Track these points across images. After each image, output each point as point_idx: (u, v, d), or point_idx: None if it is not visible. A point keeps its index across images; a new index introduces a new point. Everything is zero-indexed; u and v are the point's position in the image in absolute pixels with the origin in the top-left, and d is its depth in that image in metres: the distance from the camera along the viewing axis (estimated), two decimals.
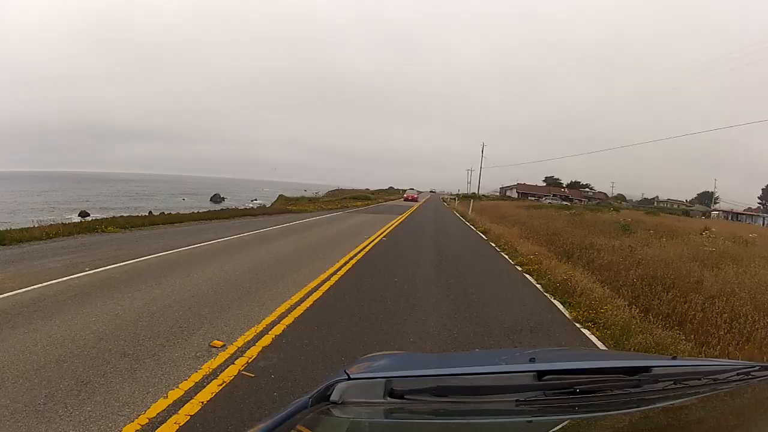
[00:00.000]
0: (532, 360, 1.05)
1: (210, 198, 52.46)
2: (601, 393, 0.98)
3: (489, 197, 65.73)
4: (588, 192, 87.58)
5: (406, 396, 0.94)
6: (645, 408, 0.97)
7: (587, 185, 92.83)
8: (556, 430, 0.88)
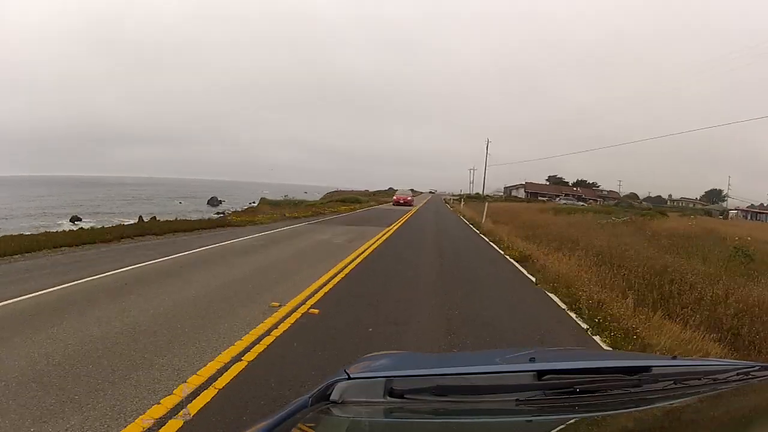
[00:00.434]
0: (531, 360, 1.05)
1: (207, 201, 51.93)
2: (601, 393, 0.98)
3: (493, 197, 59.17)
4: (601, 191, 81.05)
5: (406, 395, 0.94)
6: (645, 408, 0.97)
7: (593, 184, 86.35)
8: (555, 429, 0.87)
